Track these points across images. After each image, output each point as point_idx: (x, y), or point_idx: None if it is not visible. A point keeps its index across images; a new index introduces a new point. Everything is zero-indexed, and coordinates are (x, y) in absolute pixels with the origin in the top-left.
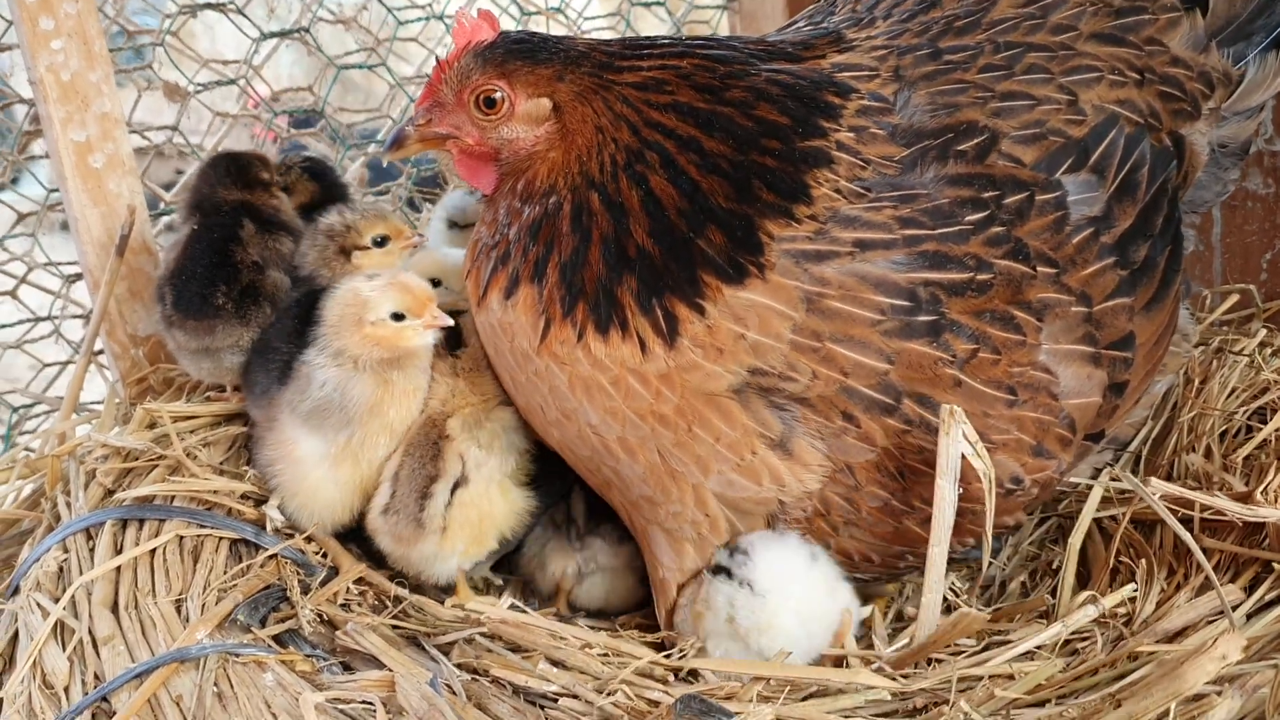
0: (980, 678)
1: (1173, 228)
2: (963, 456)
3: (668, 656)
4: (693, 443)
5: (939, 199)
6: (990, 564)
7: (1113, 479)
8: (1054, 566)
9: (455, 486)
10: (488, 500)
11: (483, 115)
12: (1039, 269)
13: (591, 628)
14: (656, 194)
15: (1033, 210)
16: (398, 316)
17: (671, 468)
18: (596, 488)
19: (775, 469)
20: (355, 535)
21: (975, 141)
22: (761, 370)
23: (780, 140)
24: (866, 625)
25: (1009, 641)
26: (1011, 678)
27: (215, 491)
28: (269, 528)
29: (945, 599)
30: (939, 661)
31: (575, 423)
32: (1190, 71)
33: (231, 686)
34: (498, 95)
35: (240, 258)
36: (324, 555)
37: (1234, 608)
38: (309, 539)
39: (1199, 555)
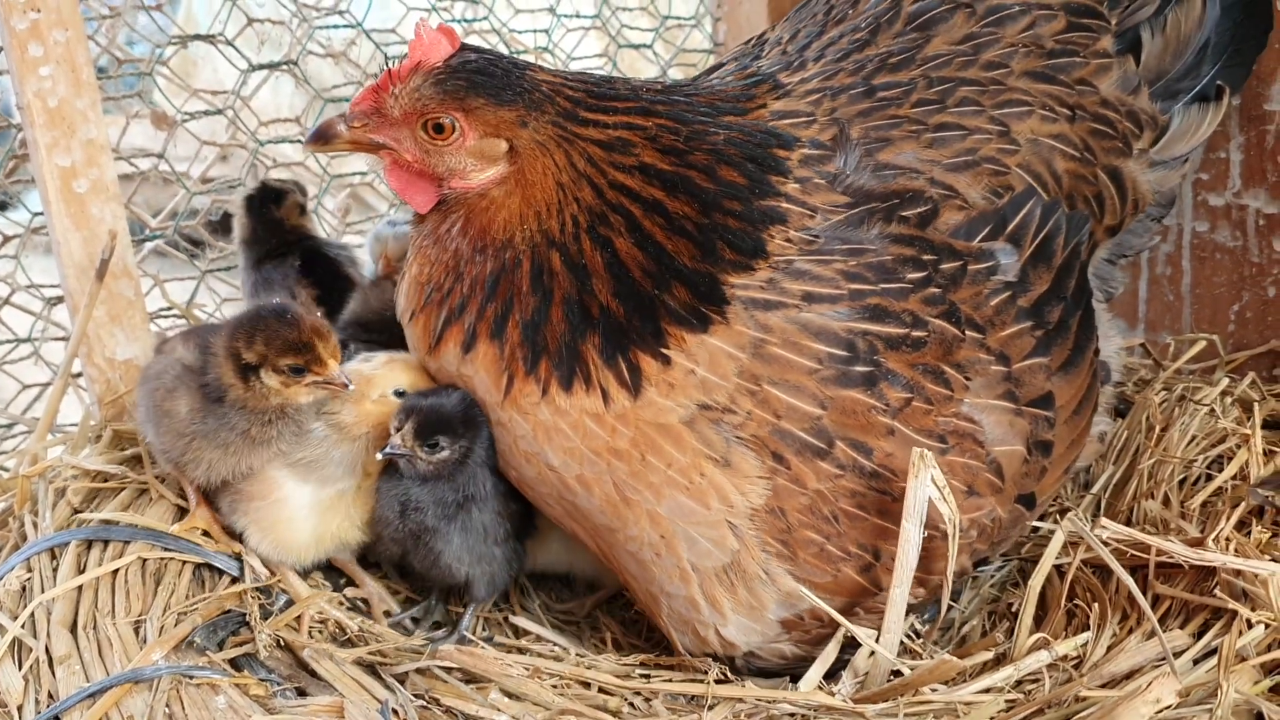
0: (926, 714)
1: (1085, 296)
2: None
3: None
4: (646, 471)
5: (883, 255)
6: (950, 607)
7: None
8: (1013, 609)
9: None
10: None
11: (429, 138)
12: (967, 333)
13: (559, 620)
14: (622, 258)
15: (965, 278)
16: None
17: (626, 496)
18: (556, 519)
19: (721, 487)
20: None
21: (919, 210)
22: (707, 405)
23: (740, 202)
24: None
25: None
26: (956, 714)
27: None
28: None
29: (902, 642)
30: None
31: (536, 465)
32: (1119, 112)
33: (183, 708)
34: (448, 123)
35: None
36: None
37: (1180, 653)
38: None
39: (1140, 599)
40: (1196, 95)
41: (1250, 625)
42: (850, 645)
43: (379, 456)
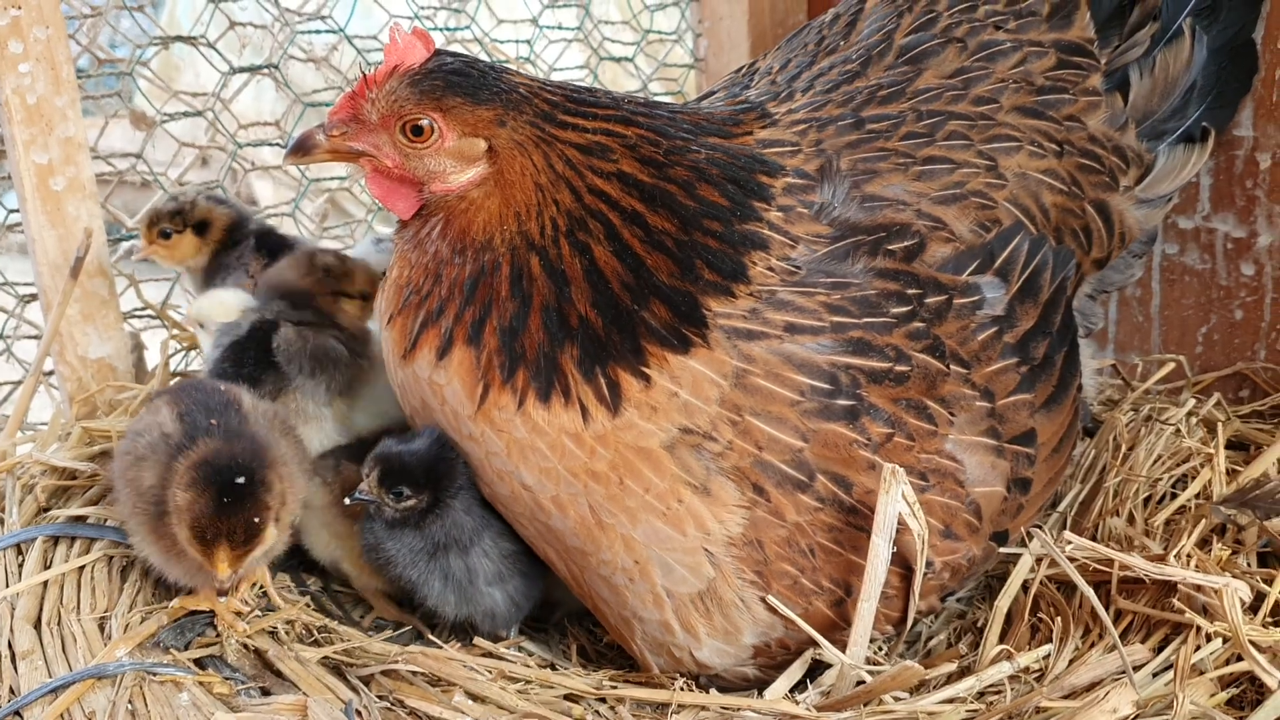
0: None
1: (1071, 332)
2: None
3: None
4: (623, 495)
5: (867, 289)
6: (917, 620)
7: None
8: (978, 625)
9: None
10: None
11: (408, 141)
12: (952, 368)
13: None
14: (600, 266)
15: (951, 312)
16: None
17: (601, 519)
18: (529, 539)
19: (699, 514)
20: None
21: (905, 244)
22: (689, 429)
23: (721, 223)
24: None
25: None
26: None
27: None
28: None
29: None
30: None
31: (509, 484)
32: (1105, 148)
33: (146, 705)
34: (426, 124)
35: None
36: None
37: (1140, 666)
38: None
39: (1100, 611)
40: (1182, 136)
41: (1209, 639)
42: (814, 670)
43: (347, 502)
